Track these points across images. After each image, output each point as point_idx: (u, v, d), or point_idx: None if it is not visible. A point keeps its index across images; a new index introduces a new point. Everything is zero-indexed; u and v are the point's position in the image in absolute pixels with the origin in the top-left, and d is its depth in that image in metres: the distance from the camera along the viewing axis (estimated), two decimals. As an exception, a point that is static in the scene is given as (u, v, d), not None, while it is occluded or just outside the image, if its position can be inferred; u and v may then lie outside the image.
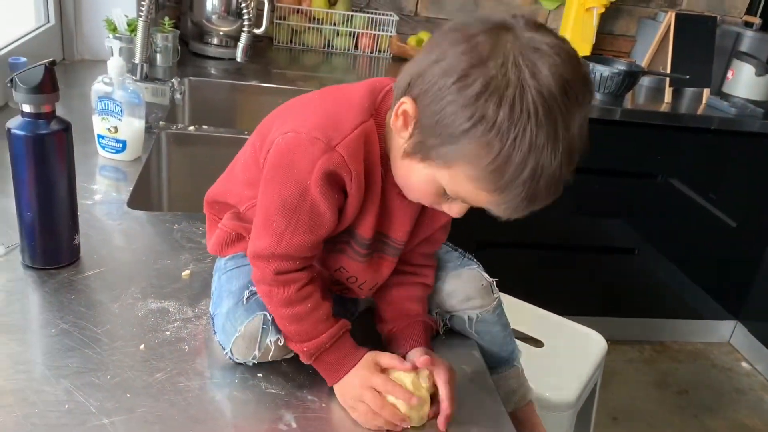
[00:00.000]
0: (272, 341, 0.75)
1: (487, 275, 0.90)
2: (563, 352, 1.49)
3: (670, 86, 2.27)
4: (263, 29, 1.91)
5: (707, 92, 2.30)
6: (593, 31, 2.40)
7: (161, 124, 1.50)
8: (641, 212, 2.34)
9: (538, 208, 0.65)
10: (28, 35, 1.63)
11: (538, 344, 1.49)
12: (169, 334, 0.83)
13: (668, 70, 2.25)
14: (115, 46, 1.60)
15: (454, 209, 0.72)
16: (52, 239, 0.91)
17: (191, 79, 1.86)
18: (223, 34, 2.09)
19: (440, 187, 0.68)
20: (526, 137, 0.59)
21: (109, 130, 1.26)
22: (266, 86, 1.92)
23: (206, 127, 1.54)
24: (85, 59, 1.88)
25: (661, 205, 2.32)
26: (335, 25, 2.34)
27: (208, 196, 0.90)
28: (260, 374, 0.78)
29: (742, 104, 2.25)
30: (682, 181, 2.30)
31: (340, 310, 0.80)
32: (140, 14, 1.49)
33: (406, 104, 0.66)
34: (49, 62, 0.84)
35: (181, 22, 2.17)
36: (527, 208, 0.65)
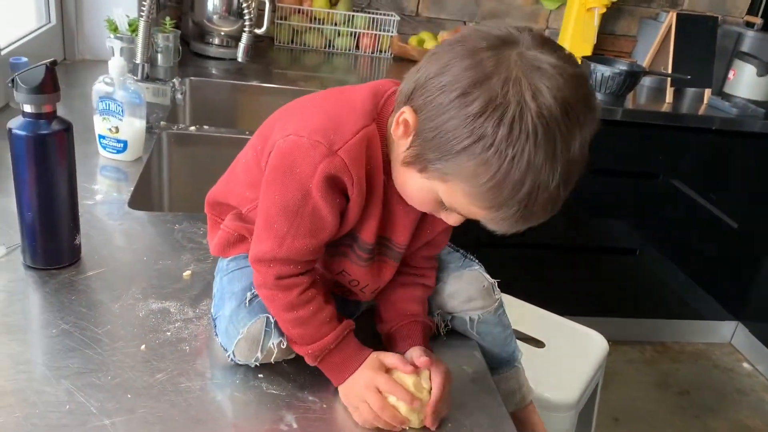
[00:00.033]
0: (275, 344, 0.75)
1: (488, 276, 0.90)
2: (564, 352, 1.49)
3: (671, 86, 2.26)
4: (264, 29, 1.91)
5: (708, 92, 2.30)
6: (594, 31, 2.40)
7: (162, 124, 1.50)
8: (642, 213, 2.34)
9: (534, 224, 0.65)
10: (29, 35, 1.63)
11: (539, 345, 1.49)
12: (170, 334, 0.83)
13: (669, 70, 2.25)
14: (116, 46, 1.60)
15: (451, 218, 0.72)
16: (52, 239, 0.91)
17: (192, 79, 1.86)
18: (224, 34, 2.09)
19: (438, 197, 0.68)
20: (524, 157, 0.59)
21: (110, 130, 1.26)
22: (267, 86, 1.92)
23: (207, 127, 1.54)
24: (86, 59, 1.88)
25: (662, 205, 2.32)
26: (336, 25, 2.34)
27: (209, 197, 0.90)
28: (261, 375, 0.78)
29: (743, 104, 2.25)
30: (683, 181, 2.30)
31: (341, 310, 0.80)
32: (141, 14, 1.49)
33: (406, 114, 0.66)
34: (50, 62, 0.84)
35: (182, 22, 2.17)
36: (523, 225, 0.65)
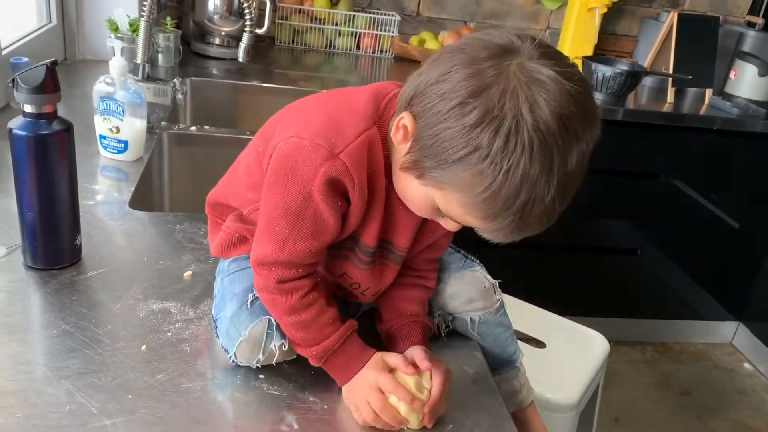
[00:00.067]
0: (277, 346, 0.75)
1: (489, 277, 0.90)
2: (565, 353, 1.49)
3: (672, 86, 2.26)
4: (265, 29, 1.91)
5: (710, 92, 2.30)
6: (595, 31, 2.39)
7: (163, 124, 1.50)
8: (643, 213, 2.34)
9: (530, 235, 0.65)
10: (30, 35, 1.63)
11: (540, 345, 1.49)
12: (170, 335, 0.83)
13: (671, 70, 2.25)
14: (116, 46, 1.60)
15: (450, 224, 0.72)
16: (53, 240, 0.91)
17: (193, 79, 1.86)
18: (224, 34, 2.09)
19: (435, 203, 0.68)
20: (519, 170, 0.58)
21: (110, 130, 1.26)
22: (268, 86, 1.92)
23: (208, 127, 1.54)
24: (86, 59, 1.88)
25: (663, 205, 2.32)
26: (337, 25, 2.34)
27: (209, 197, 0.89)
28: (262, 375, 0.78)
29: (744, 104, 2.24)
30: (684, 181, 2.30)
31: (342, 312, 0.80)
32: (142, 14, 1.49)
33: (405, 119, 0.66)
34: (50, 62, 0.84)
35: (182, 22, 2.17)
36: (518, 236, 0.65)
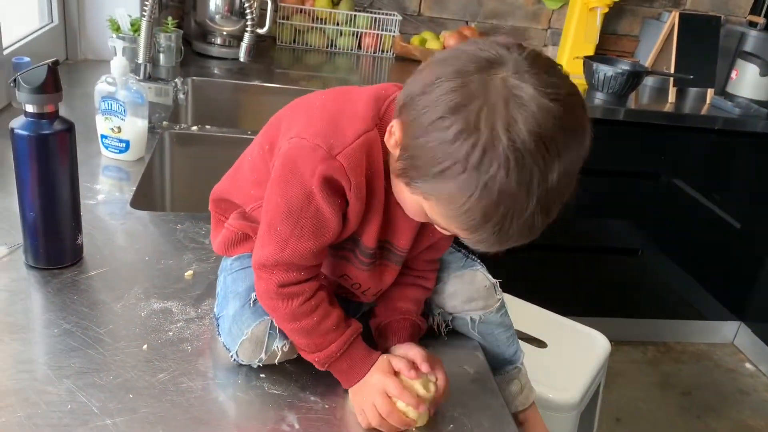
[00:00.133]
0: (279, 346, 0.75)
1: (490, 276, 0.90)
2: (566, 352, 1.49)
3: (673, 86, 2.26)
4: (266, 29, 1.91)
5: (711, 92, 2.30)
6: (597, 30, 2.39)
7: (164, 124, 1.50)
8: (645, 213, 2.34)
9: (514, 246, 0.65)
10: (31, 35, 1.63)
11: (541, 345, 1.48)
12: (171, 334, 0.83)
13: (672, 70, 2.25)
14: (118, 45, 1.60)
15: (443, 229, 0.72)
16: (55, 239, 0.91)
17: (194, 79, 1.87)
18: (226, 33, 2.09)
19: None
20: (495, 185, 0.58)
21: (112, 129, 1.26)
22: (269, 86, 1.92)
23: (209, 127, 1.54)
24: (88, 59, 1.88)
25: (664, 205, 2.32)
26: (338, 24, 2.34)
27: (213, 193, 0.89)
28: (263, 375, 0.78)
29: (746, 104, 2.24)
30: (685, 181, 2.29)
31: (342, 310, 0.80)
32: (143, 14, 1.49)
33: (395, 127, 0.66)
34: (52, 62, 0.84)
35: (184, 21, 2.17)
36: (500, 248, 0.65)
